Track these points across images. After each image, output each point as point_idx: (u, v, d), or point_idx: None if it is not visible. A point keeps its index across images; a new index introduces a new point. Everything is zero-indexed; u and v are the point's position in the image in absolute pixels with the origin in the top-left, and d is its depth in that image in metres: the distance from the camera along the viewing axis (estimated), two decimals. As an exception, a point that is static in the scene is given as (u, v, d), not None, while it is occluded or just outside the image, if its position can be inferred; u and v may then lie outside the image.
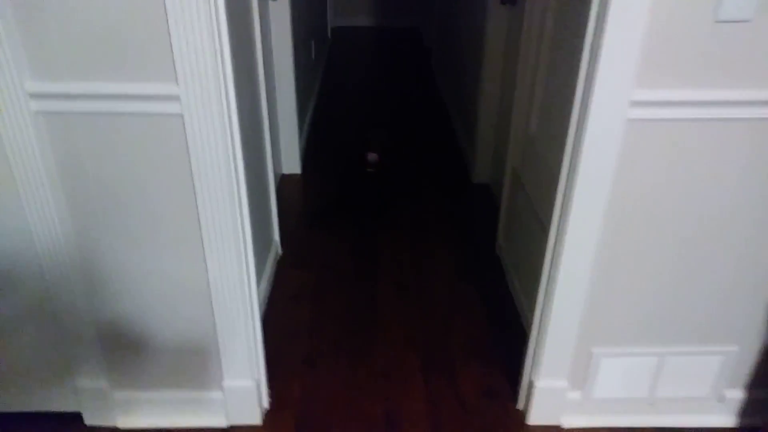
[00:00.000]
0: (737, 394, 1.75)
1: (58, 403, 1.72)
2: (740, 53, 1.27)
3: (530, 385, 1.73)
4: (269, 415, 1.77)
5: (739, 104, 1.31)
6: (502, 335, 2.09)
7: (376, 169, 2.75)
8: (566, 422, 1.77)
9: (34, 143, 1.32)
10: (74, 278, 1.49)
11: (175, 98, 1.29)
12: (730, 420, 1.78)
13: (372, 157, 2.70)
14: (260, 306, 1.82)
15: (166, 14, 1.20)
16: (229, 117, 1.35)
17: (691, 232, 1.47)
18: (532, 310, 1.68)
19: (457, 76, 3.73)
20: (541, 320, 1.63)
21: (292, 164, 3.22)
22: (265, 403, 1.78)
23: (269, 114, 2.39)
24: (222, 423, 1.73)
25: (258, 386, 1.70)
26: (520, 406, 1.81)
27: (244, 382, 1.67)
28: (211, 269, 1.49)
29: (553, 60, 1.81)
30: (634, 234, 1.48)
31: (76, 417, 1.74)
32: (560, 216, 1.48)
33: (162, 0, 1.19)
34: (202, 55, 1.24)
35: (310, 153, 3.43)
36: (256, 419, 1.74)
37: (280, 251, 2.53)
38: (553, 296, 1.55)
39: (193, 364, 1.65)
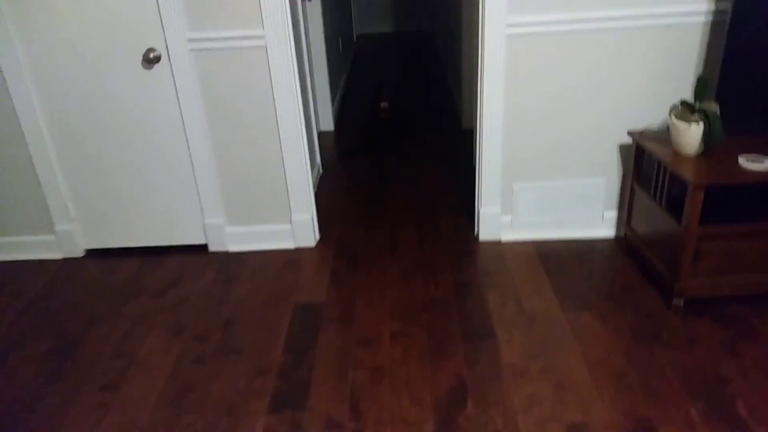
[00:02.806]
0: (611, 214, 2.76)
1: (191, 236, 2.85)
2: (563, -8, 2.34)
3: (478, 213, 2.79)
4: (319, 243, 2.88)
5: (567, 22, 2.37)
6: (470, 195, 3.15)
7: (388, 114, 3.85)
8: (503, 238, 2.82)
9: (193, 74, 2.47)
10: (212, 161, 2.63)
11: (261, 37, 2.42)
12: (609, 233, 2.80)
13: (384, 105, 3.80)
14: (313, 187, 2.93)
15: (258, -8, 2.34)
16: (291, 54, 2.47)
17: (561, 101, 2.53)
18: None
19: (451, 53, 4.85)
20: (479, 168, 2.69)
21: (327, 123, 4.36)
22: (317, 235, 2.88)
23: (310, 86, 3.53)
24: (291, 245, 2.84)
25: (312, 221, 2.80)
26: (475, 231, 2.87)
27: (304, 216, 2.78)
28: (284, 141, 2.61)
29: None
30: (524, 103, 2.54)
31: (202, 248, 2.87)
32: (479, 97, 2.55)
33: (256, -15, 2.33)
34: (277, 13, 2.37)
35: (341, 116, 4.58)
36: (312, 243, 2.84)
37: (321, 170, 3.65)
38: (483, 150, 2.62)
39: (273, 206, 2.77)
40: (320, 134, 4.30)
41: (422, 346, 2.14)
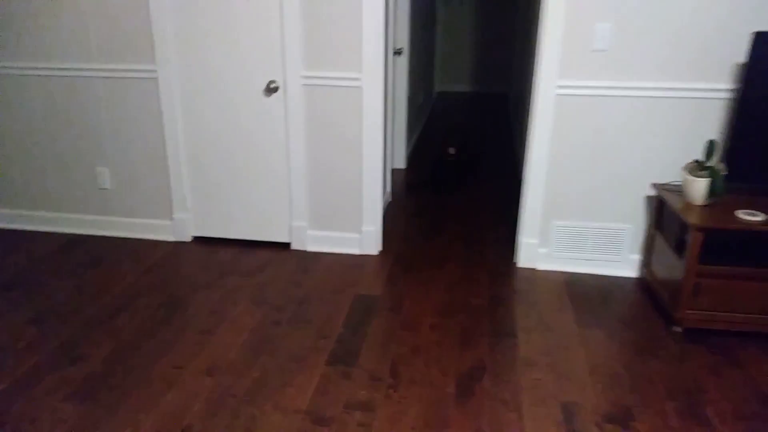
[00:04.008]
0: (635, 257, 3.17)
1: (278, 235, 3.47)
2: (604, 63, 2.86)
3: (518, 243, 3.26)
4: (381, 253, 3.42)
5: (607, 88, 2.88)
6: (514, 227, 3.63)
7: (454, 157, 4.41)
8: (539, 266, 3.27)
9: (301, 104, 3.13)
10: (304, 175, 3.26)
11: (358, 79, 3.06)
12: (632, 273, 3.20)
13: (451, 150, 4.37)
14: (382, 207, 3.49)
15: (362, 42, 2.99)
16: (381, 95, 3.10)
17: (597, 154, 3.01)
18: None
19: (518, 112, 5.40)
20: (523, 204, 3.19)
21: (400, 162, 4.97)
22: (380, 246, 3.43)
23: (390, 126, 4.17)
24: (358, 251, 3.40)
25: (377, 233, 3.36)
26: (515, 259, 3.33)
27: (372, 227, 3.34)
28: (365, 165, 3.21)
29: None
30: (566, 153, 3.03)
31: (286, 245, 3.48)
32: (529, 145, 3.07)
33: (360, 37, 2.99)
34: (374, 62, 3.01)
35: (413, 158, 5.19)
36: (375, 252, 3.39)
37: (390, 199, 4.24)
38: (527, 189, 3.12)
39: (347, 217, 3.35)
40: (393, 170, 4.91)
41: (455, 336, 2.62)
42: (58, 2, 3.18)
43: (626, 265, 3.18)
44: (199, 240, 3.57)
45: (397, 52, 4.48)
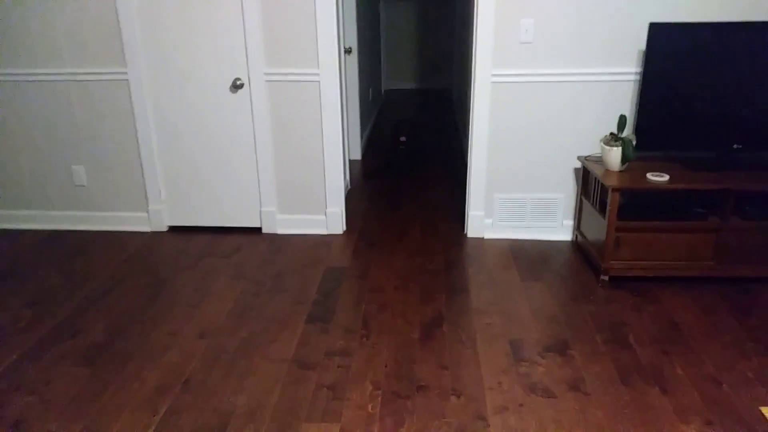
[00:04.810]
0: (569, 222, 3.63)
1: (250, 220, 3.77)
2: (531, 54, 3.29)
3: (467, 216, 3.67)
4: (345, 232, 3.77)
5: (534, 75, 3.32)
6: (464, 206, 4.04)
7: (405, 146, 4.79)
8: (486, 236, 3.68)
9: (266, 98, 3.45)
10: (271, 163, 3.58)
11: (317, 74, 3.40)
12: (567, 237, 3.65)
13: (402, 138, 4.75)
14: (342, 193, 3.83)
15: (317, 40, 3.34)
16: (340, 89, 3.45)
17: (530, 132, 3.44)
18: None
19: (461, 104, 5.84)
20: (469, 180, 3.59)
21: (355, 153, 5.33)
22: (344, 226, 3.78)
23: (345, 119, 4.52)
24: (324, 232, 3.74)
25: (341, 214, 3.71)
26: (465, 230, 3.74)
27: (336, 209, 3.68)
28: (326, 152, 3.55)
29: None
30: (503, 133, 3.46)
31: (257, 230, 3.79)
32: (471, 128, 3.48)
33: (315, 35, 3.33)
34: (330, 59, 3.36)
35: (366, 149, 5.55)
36: (340, 231, 3.74)
37: (349, 186, 4.59)
38: (472, 167, 3.53)
39: (313, 200, 3.68)
40: (350, 161, 5.26)
41: (416, 294, 3.00)
42: (29, 11, 3.40)
43: (562, 230, 3.63)
44: (174, 229, 3.83)
45: (347, 51, 4.84)
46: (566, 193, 3.56)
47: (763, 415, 2.13)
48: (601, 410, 2.18)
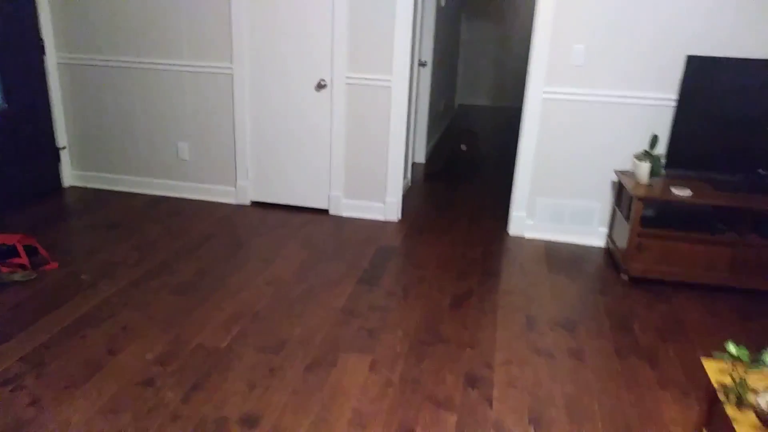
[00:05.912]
0: (603, 230, 3.98)
1: (319, 202, 4.34)
2: (580, 75, 3.70)
3: (509, 215, 4.09)
4: (400, 220, 4.28)
5: (582, 94, 3.72)
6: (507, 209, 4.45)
7: (465, 153, 5.26)
8: (526, 235, 4.09)
9: (344, 98, 4.03)
10: (342, 154, 4.14)
11: (389, 80, 3.95)
12: (600, 243, 4.00)
13: (463, 146, 5.22)
14: (402, 184, 4.34)
15: (393, 51, 3.88)
16: (408, 95, 3.97)
17: (574, 145, 3.84)
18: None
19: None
20: (514, 184, 4.02)
21: (420, 157, 5.85)
22: (399, 214, 4.29)
23: (413, 123, 5.05)
24: (382, 218, 4.26)
25: (398, 204, 4.22)
26: (507, 229, 4.16)
27: (394, 199, 4.20)
28: (390, 148, 4.08)
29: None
30: (549, 144, 3.87)
31: (325, 211, 4.36)
32: (521, 136, 3.91)
33: (392, 47, 3.88)
34: (401, 67, 3.89)
35: (431, 156, 6.06)
36: (395, 219, 4.25)
37: (410, 184, 5.10)
38: (518, 173, 3.96)
39: (375, 189, 4.21)
40: (414, 164, 5.77)
41: (453, 273, 3.46)
42: (160, 15, 4.14)
43: (596, 237, 3.99)
44: (255, 204, 4.46)
45: (422, 64, 5.37)
46: (603, 203, 3.92)
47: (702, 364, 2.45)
48: (594, 374, 2.57)
